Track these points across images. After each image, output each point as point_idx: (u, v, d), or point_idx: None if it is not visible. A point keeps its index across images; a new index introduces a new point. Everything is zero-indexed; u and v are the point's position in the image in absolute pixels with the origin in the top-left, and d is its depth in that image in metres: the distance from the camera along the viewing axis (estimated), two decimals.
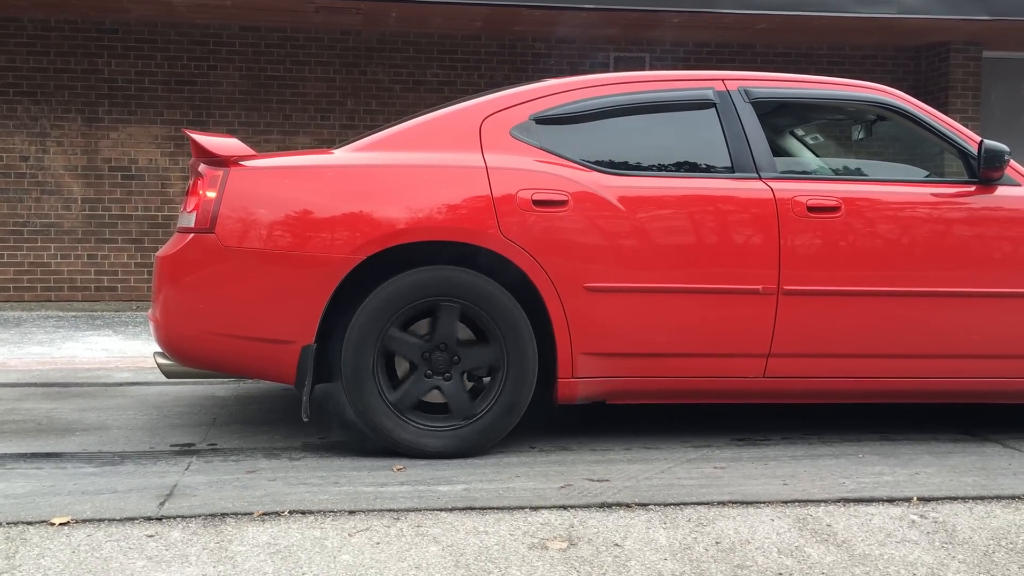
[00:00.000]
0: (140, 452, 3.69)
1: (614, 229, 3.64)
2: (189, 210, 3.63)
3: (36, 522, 2.82)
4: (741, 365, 3.77)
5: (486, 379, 3.64)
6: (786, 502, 3.12)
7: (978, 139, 3.96)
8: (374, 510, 2.97)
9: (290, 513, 2.93)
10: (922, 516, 3.06)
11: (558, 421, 4.18)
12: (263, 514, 2.92)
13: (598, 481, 3.32)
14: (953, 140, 4.02)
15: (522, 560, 2.69)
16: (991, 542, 2.90)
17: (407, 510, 2.98)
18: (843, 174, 4.51)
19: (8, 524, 2.80)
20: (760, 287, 3.72)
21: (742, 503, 3.10)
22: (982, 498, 3.21)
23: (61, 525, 2.80)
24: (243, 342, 3.54)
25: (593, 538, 2.83)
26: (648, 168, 3.84)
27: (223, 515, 2.90)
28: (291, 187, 3.60)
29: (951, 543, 2.89)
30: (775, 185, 3.79)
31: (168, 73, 9.20)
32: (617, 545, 2.80)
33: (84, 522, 2.83)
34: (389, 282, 3.51)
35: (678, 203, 3.71)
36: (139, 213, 9.22)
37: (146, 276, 9.11)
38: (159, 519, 2.86)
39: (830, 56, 10.11)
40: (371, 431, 3.56)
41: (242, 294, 3.53)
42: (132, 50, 9.15)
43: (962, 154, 4.01)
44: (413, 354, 3.57)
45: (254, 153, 3.68)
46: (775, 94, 4.06)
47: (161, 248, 3.79)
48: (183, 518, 2.87)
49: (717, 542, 2.84)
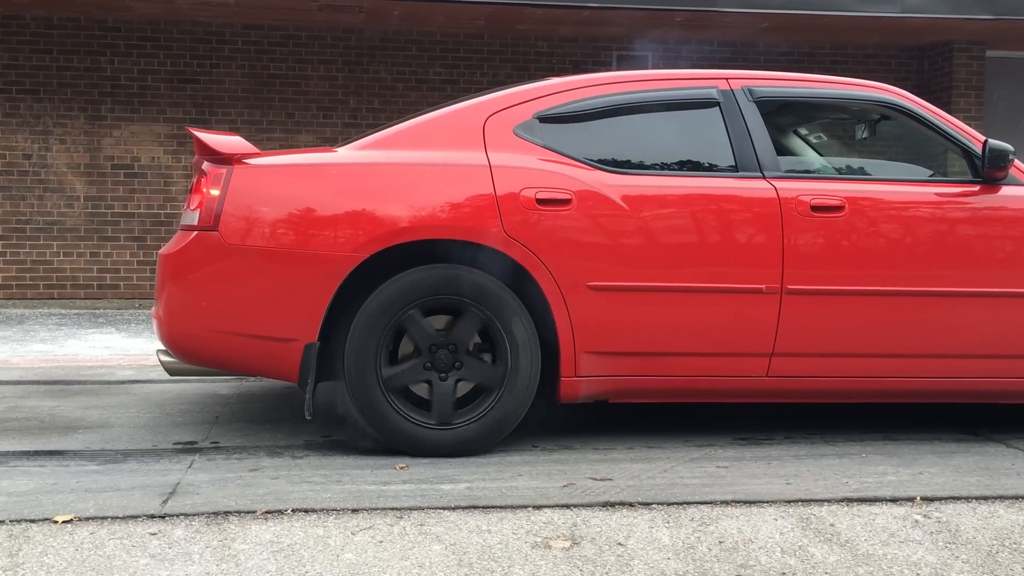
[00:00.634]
0: (143, 450, 3.69)
1: (618, 228, 3.64)
2: (192, 208, 3.63)
3: (39, 520, 2.82)
4: (744, 364, 3.77)
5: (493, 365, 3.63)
6: (789, 501, 3.12)
7: (982, 139, 3.96)
8: (377, 509, 2.97)
9: (293, 511, 2.93)
10: (925, 516, 3.05)
11: (561, 420, 4.18)
12: (266, 512, 2.92)
13: (601, 480, 3.32)
14: (957, 140, 4.01)
15: (525, 559, 2.68)
16: (995, 542, 2.90)
17: (410, 509, 2.97)
18: (847, 173, 4.50)
19: (11, 522, 2.80)
20: (764, 286, 3.71)
21: (745, 502, 3.10)
22: (985, 498, 3.21)
23: (64, 523, 2.80)
24: (246, 340, 3.54)
25: (596, 537, 2.83)
26: (652, 167, 3.84)
27: (226, 513, 2.90)
28: (294, 185, 3.60)
29: (954, 543, 2.89)
30: (779, 184, 3.79)
31: (171, 71, 9.21)
32: (620, 544, 2.79)
33: (87, 520, 2.83)
34: (392, 280, 3.50)
35: (682, 202, 3.71)
36: (142, 211, 9.22)
37: (149, 274, 9.12)
38: (162, 517, 2.86)
39: (833, 55, 10.11)
40: (375, 429, 3.56)
41: (245, 292, 3.53)
42: (135, 48, 9.15)
43: (966, 154, 4.00)
44: (415, 369, 3.56)
45: (257, 151, 3.68)
46: (779, 93, 4.05)
47: (164, 246, 3.79)
48: (186, 516, 2.87)
49: (720, 541, 2.84)
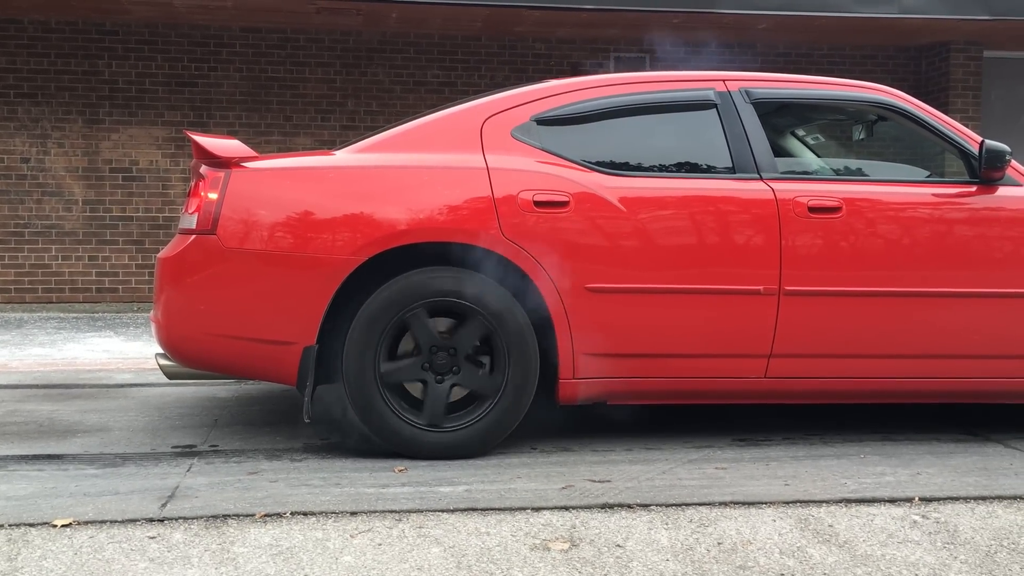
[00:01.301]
0: (142, 454, 3.69)
1: (615, 230, 3.64)
2: (191, 211, 3.63)
3: (38, 524, 2.82)
4: (743, 366, 3.77)
5: (491, 374, 3.63)
6: (788, 502, 3.12)
7: (979, 139, 3.96)
8: (376, 511, 2.97)
9: (292, 514, 2.93)
10: (924, 516, 3.06)
11: (559, 421, 4.18)
12: (265, 515, 2.92)
13: (600, 482, 3.32)
14: (954, 140, 4.02)
15: (524, 561, 2.69)
16: (993, 542, 2.90)
17: (409, 511, 2.98)
18: (844, 174, 4.51)
19: (10, 526, 2.80)
20: (761, 287, 3.72)
21: (744, 504, 3.10)
22: (984, 498, 3.21)
23: (63, 527, 2.80)
24: (244, 343, 3.54)
25: (595, 539, 2.83)
26: (649, 169, 3.84)
27: (225, 516, 2.90)
28: (292, 188, 3.60)
29: (953, 543, 2.89)
30: (776, 186, 3.79)
31: (169, 74, 9.21)
32: (619, 546, 2.79)
33: (86, 524, 2.83)
34: (391, 283, 3.51)
35: (679, 204, 3.71)
36: (140, 214, 9.22)
37: (147, 277, 9.12)
38: (161, 521, 2.86)
39: (830, 56, 10.11)
40: (373, 432, 3.56)
41: (244, 295, 3.53)
42: (133, 51, 9.15)
43: (963, 154, 4.01)
44: (413, 367, 3.56)
45: (255, 154, 3.68)
46: (776, 94, 4.06)
47: (162, 249, 3.79)
48: (185, 520, 2.87)
49: (719, 543, 2.84)
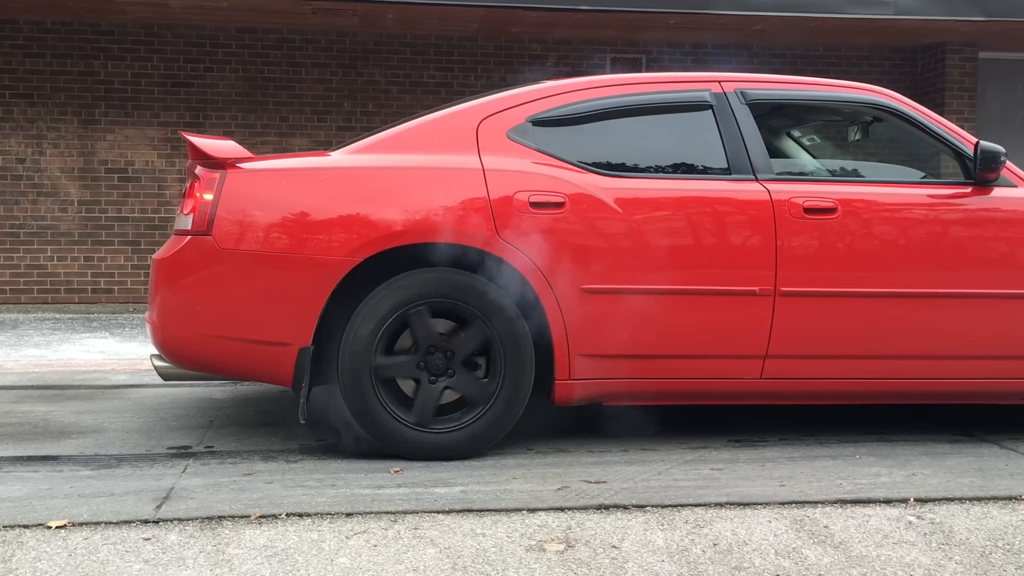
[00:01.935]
0: (137, 455, 3.69)
1: (611, 231, 3.64)
2: (186, 212, 3.62)
3: (33, 525, 2.81)
4: (738, 366, 3.77)
5: (484, 380, 3.63)
6: (783, 503, 3.12)
7: (974, 140, 3.96)
8: (371, 512, 2.97)
9: (287, 516, 2.93)
10: (919, 517, 3.06)
11: (555, 422, 4.18)
12: (260, 517, 2.91)
13: (595, 483, 3.32)
14: (949, 141, 4.02)
15: (519, 562, 2.68)
16: (988, 543, 2.91)
17: (404, 512, 2.97)
18: (839, 175, 4.52)
19: (4, 527, 2.79)
20: (757, 288, 3.72)
21: (739, 504, 3.10)
22: (979, 499, 3.22)
23: (58, 528, 2.79)
24: (240, 344, 3.54)
25: (590, 540, 2.83)
26: (645, 170, 3.85)
27: (220, 518, 2.89)
28: (288, 189, 3.60)
29: (948, 544, 2.89)
30: (772, 187, 3.79)
31: (164, 75, 9.19)
32: (615, 547, 2.79)
33: (81, 525, 2.82)
34: (386, 284, 3.50)
35: (675, 205, 3.71)
36: (136, 215, 9.20)
37: (143, 278, 9.10)
38: (156, 522, 2.86)
39: (826, 57, 10.12)
40: (369, 433, 3.55)
41: (239, 296, 3.52)
42: (128, 52, 9.14)
43: (958, 155, 4.01)
44: (408, 365, 3.57)
45: (251, 155, 3.67)
46: (772, 95, 4.06)
47: (158, 250, 3.79)
48: (180, 521, 2.87)
49: (715, 544, 2.84)
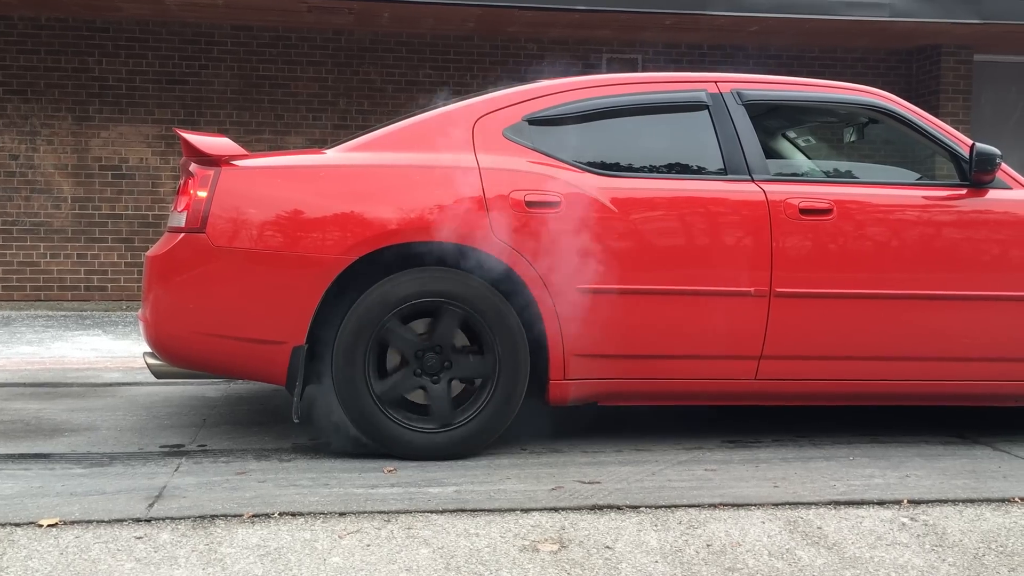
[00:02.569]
0: (129, 453, 3.67)
1: (606, 230, 3.64)
2: (180, 209, 3.61)
3: (24, 523, 2.80)
4: (733, 367, 3.77)
5: (477, 381, 3.63)
6: (777, 504, 3.12)
7: (970, 142, 3.97)
8: (365, 512, 2.96)
9: (280, 515, 2.92)
10: (912, 519, 3.06)
11: (549, 423, 4.17)
12: (253, 516, 2.90)
13: (589, 483, 3.32)
14: (944, 143, 4.03)
15: (513, 562, 2.68)
16: (981, 545, 2.91)
17: (398, 512, 2.97)
18: (835, 176, 4.52)
19: None
20: (752, 289, 3.72)
21: (733, 505, 3.10)
22: (972, 501, 3.22)
23: (49, 526, 2.78)
24: (233, 342, 3.52)
25: (584, 540, 2.82)
26: (641, 169, 3.84)
27: (212, 517, 2.88)
28: (283, 187, 3.59)
29: (941, 546, 2.89)
30: (767, 187, 3.79)
31: (159, 72, 9.18)
32: (608, 547, 2.79)
33: (72, 523, 2.81)
34: (380, 283, 3.49)
35: (671, 205, 3.71)
36: (129, 212, 9.18)
37: (136, 276, 9.08)
38: (148, 521, 2.85)
39: (822, 58, 10.14)
40: (362, 432, 3.54)
41: (232, 294, 3.51)
42: (123, 49, 9.12)
43: (953, 157, 4.02)
44: (405, 354, 3.56)
45: (245, 153, 3.66)
46: (768, 96, 4.06)
47: (151, 248, 3.77)
48: (172, 520, 2.85)
49: (708, 544, 2.84)
